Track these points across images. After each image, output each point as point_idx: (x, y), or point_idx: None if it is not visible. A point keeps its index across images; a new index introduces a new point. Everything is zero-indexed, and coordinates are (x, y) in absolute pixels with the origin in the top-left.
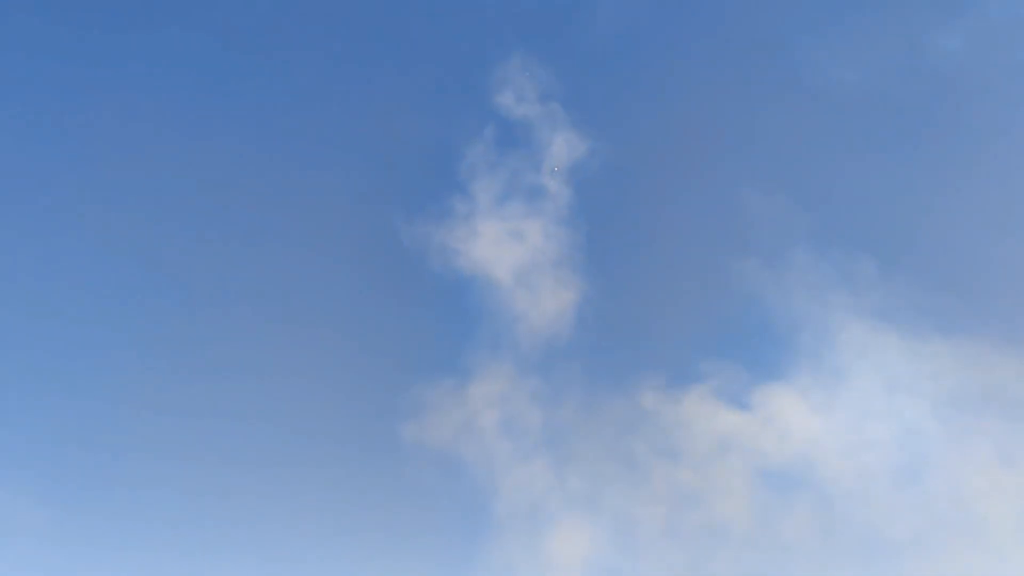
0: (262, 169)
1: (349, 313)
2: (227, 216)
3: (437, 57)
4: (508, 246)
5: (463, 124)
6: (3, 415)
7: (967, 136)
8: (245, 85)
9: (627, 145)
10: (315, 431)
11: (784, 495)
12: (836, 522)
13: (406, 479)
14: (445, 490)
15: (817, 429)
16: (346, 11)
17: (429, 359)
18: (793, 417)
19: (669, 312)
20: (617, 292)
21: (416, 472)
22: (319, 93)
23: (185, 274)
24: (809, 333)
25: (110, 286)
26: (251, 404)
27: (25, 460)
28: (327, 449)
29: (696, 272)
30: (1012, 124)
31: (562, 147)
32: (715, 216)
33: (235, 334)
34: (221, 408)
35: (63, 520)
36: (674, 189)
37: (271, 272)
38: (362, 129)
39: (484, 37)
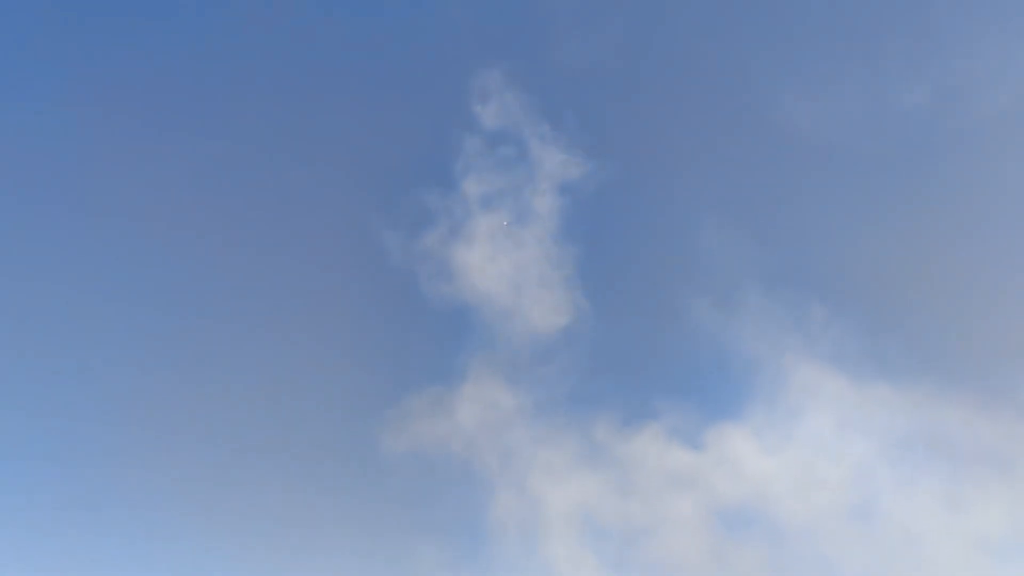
0: (248, 179)
1: (335, 324)
2: (209, 223)
3: (419, 72)
4: (483, 262)
5: (446, 135)
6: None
7: (923, 188)
8: (231, 93)
9: (592, 174)
10: (301, 441)
11: (736, 533)
12: (788, 560)
13: (390, 489)
14: (425, 500)
15: (769, 468)
16: (323, 29)
17: (407, 372)
18: (745, 456)
19: (624, 348)
20: (573, 324)
21: (400, 481)
22: (305, 104)
23: (170, 282)
24: (761, 373)
25: (79, 302)
26: (235, 416)
27: (22, 459)
28: (313, 460)
29: (651, 309)
30: (968, 178)
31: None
32: (671, 252)
33: (220, 344)
34: (205, 421)
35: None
36: (631, 224)
37: (256, 281)
38: (345, 136)
39: (466, 53)
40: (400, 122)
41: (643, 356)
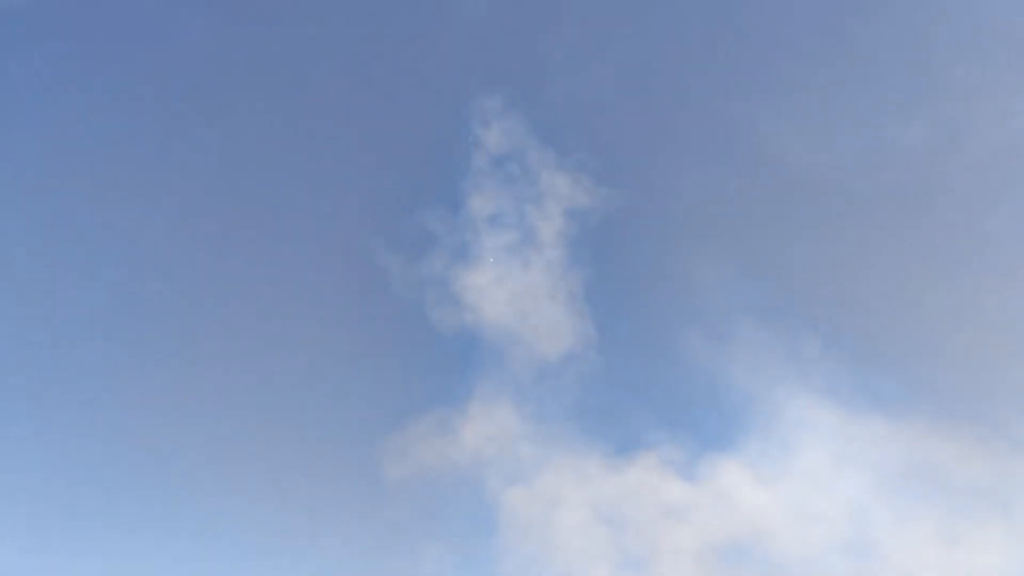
0: (250, 204)
1: (337, 347)
2: (210, 247)
3: (422, 96)
4: (485, 286)
5: (450, 159)
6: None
7: (918, 225)
8: (232, 116)
9: (595, 200)
10: (303, 466)
11: (729, 565)
12: None
13: (393, 513)
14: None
15: (763, 501)
16: (325, 52)
17: (409, 396)
18: (739, 489)
19: (618, 379)
20: (571, 353)
21: (402, 506)
22: (307, 128)
23: (172, 300)
24: (755, 406)
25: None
26: (238, 440)
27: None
28: (316, 484)
29: (646, 339)
30: (963, 217)
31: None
32: (667, 283)
33: (221, 369)
34: (206, 445)
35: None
36: (628, 252)
37: (257, 306)
38: (349, 160)
39: (470, 77)
40: (404, 146)
41: (637, 387)
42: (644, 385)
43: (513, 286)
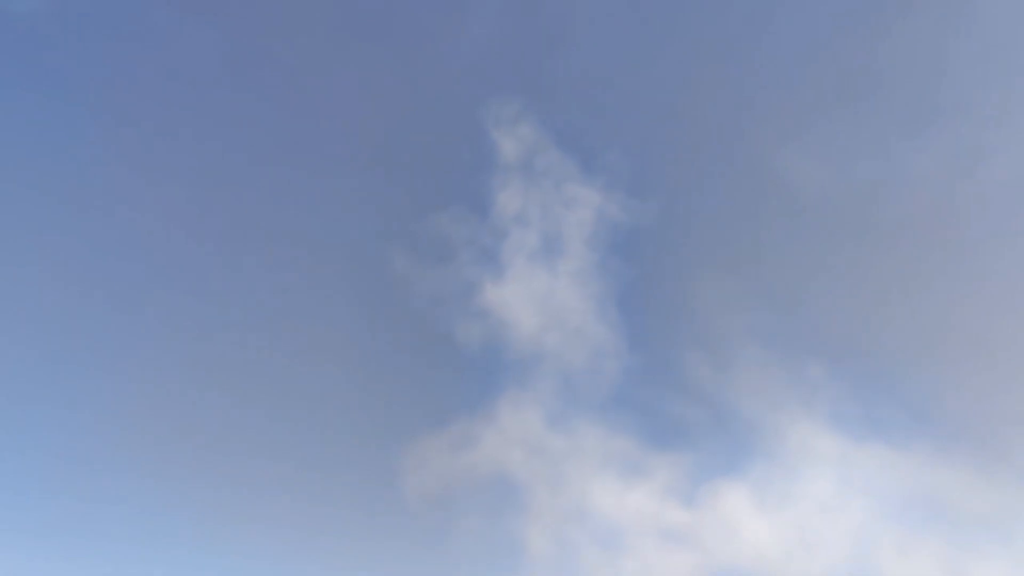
0: (271, 215)
1: (358, 357)
2: (230, 258)
3: (444, 104)
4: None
5: (473, 168)
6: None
7: (926, 252)
8: (249, 126)
9: (612, 212)
10: (324, 477)
11: None
12: None
13: (413, 525)
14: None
15: (765, 528)
16: (344, 61)
17: (429, 410)
18: (741, 515)
19: (624, 398)
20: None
21: (422, 517)
22: (327, 138)
23: (191, 312)
24: (760, 432)
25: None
26: (260, 453)
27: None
28: (337, 497)
29: (647, 363)
30: (972, 244)
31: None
32: (671, 305)
33: (243, 382)
34: (226, 458)
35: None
36: (634, 273)
37: (280, 318)
38: (363, 164)
39: (490, 85)
40: (424, 154)
41: (644, 410)
42: (649, 408)
43: (533, 295)
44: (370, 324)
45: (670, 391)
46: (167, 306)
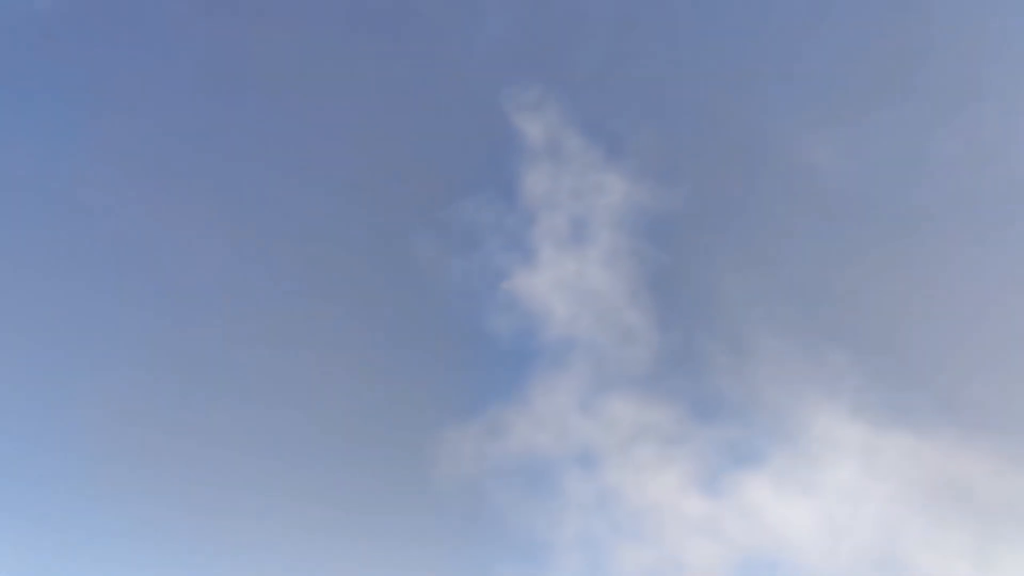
0: (298, 206)
1: (386, 346)
2: (254, 251)
3: (468, 89)
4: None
5: (497, 152)
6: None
7: (949, 239)
8: (271, 113)
9: (636, 197)
10: (354, 466)
11: None
12: None
13: (442, 513)
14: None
15: (789, 517)
16: (364, 46)
17: (460, 399)
18: (766, 504)
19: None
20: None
21: (453, 509)
22: (350, 127)
23: (222, 301)
24: (782, 420)
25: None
26: (288, 442)
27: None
28: (367, 486)
29: (674, 351)
30: (998, 233)
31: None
32: (692, 295)
33: (271, 372)
34: (253, 447)
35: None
36: (655, 260)
37: (306, 307)
38: (381, 149)
39: (504, 68)
40: (451, 144)
41: (666, 396)
42: (676, 396)
43: (561, 281)
44: (397, 314)
45: (695, 379)
46: (191, 299)
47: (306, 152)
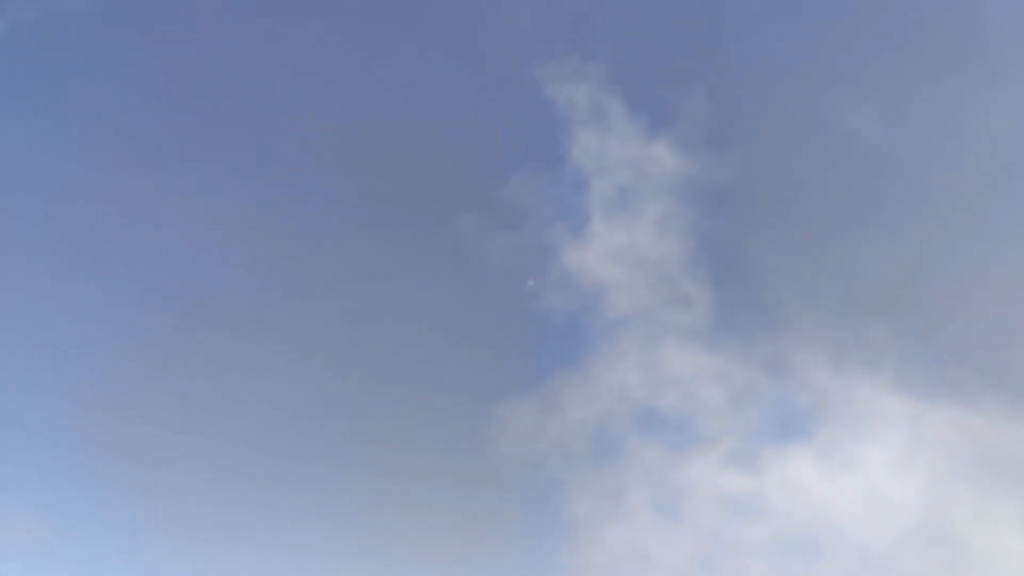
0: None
1: (442, 322)
2: (314, 229)
3: (518, 63)
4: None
5: (543, 125)
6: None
7: (992, 210)
8: (310, 92)
9: (663, 170)
10: (414, 441)
11: (804, 558)
12: None
13: (498, 488)
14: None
15: (836, 492)
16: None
17: (516, 374)
18: (811, 479)
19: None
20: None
21: (506, 488)
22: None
23: (287, 278)
24: (826, 394)
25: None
26: (352, 417)
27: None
28: (426, 460)
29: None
30: None
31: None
32: (727, 271)
33: (330, 348)
34: (318, 423)
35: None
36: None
37: (365, 283)
38: (424, 130)
39: (543, 37)
40: (493, 116)
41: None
42: (728, 361)
43: (612, 251)
44: (449, 289)
45: (739, 352)
46: (243, 273)
47: (352, 138)
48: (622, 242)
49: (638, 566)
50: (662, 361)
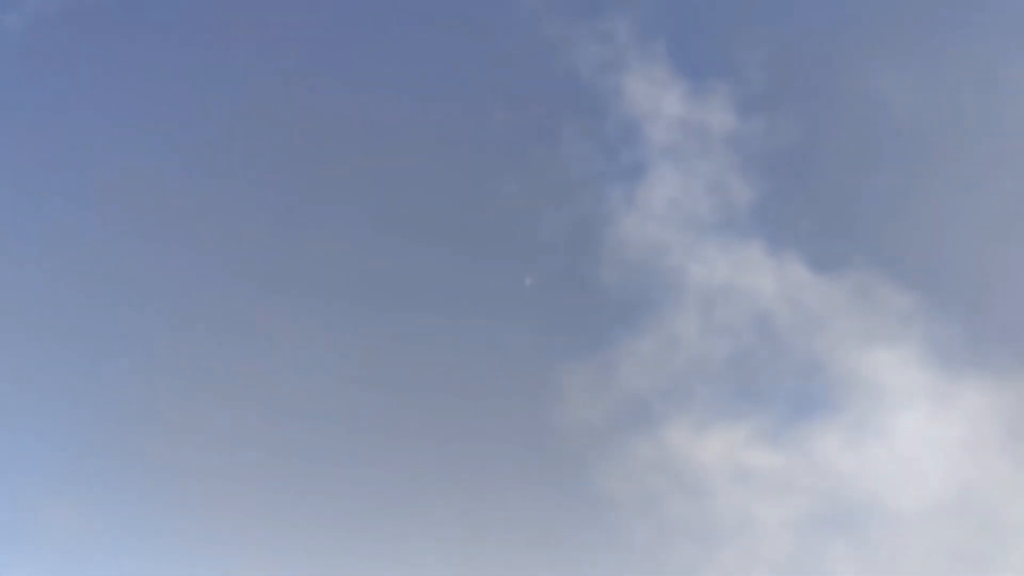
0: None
1: (492, 295)
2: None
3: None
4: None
5: (590, 92)
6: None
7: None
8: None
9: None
10: (469, 412)
11: (833, 532)
12: (888, 558)
13: (560, 462)
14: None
15: (863, 465)
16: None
17: (573, 341)
18: (838, 453)
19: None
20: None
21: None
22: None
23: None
24: (849, 367)
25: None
26: (408, 391)
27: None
28: (481, 432)
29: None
30: None
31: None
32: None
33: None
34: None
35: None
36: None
37: (404, 258)
38: (463, 99)
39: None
40: (533, 80)
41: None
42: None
43: (664, 215)
44: (501, 256)
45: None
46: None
47: (387, 114)
48: (677, 204)
49: (686, 540)
50: (715, 329)
